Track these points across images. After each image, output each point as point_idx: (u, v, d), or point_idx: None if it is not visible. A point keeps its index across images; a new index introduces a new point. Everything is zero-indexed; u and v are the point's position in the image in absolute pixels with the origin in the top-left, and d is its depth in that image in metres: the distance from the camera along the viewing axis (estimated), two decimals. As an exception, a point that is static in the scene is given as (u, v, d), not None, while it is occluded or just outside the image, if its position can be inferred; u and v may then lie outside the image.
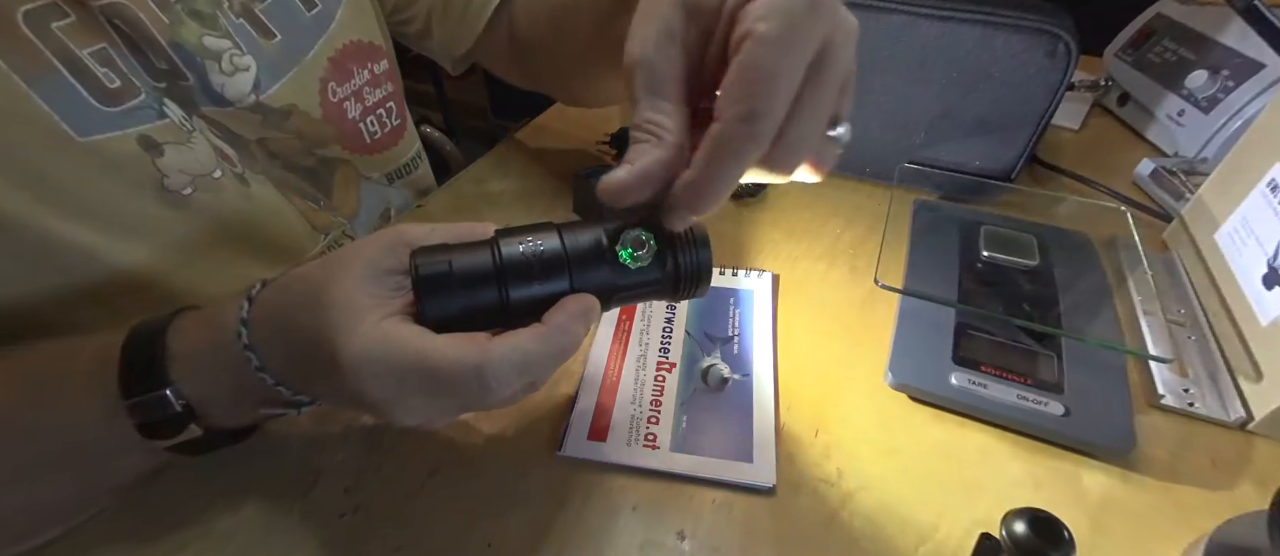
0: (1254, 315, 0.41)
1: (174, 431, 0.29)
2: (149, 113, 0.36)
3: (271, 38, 0.42)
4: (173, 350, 0.29)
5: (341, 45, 0.47)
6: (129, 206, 0.37)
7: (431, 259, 0.27)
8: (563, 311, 0.27)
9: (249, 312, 0.28)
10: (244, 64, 0.41)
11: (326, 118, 0.47)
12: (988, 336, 0.42)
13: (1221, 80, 0.62)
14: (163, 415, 0.28)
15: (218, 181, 0.40)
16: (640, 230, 0.29)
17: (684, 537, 0.33)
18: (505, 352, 0.25)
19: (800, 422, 0.39)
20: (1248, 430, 0.39)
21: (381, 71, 0.50)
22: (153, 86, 0.37)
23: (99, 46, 0.34)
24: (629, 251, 0.28)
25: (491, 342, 0.26)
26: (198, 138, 0.39)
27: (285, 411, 0.31)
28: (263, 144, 0.44)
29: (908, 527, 0.34)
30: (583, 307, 0.28)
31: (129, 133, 0.36)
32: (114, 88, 0.35)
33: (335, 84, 0.47)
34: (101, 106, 0.34)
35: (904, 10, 0.53)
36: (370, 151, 0.52)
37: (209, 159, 0.39)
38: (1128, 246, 0.49)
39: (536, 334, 0.27)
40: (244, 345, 0.28)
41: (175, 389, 0.28)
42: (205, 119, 0.40)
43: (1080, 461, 0.37)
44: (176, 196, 0.38)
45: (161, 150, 0.37)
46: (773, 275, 0.49)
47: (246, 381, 0.28)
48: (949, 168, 0.59)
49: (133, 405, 0.28)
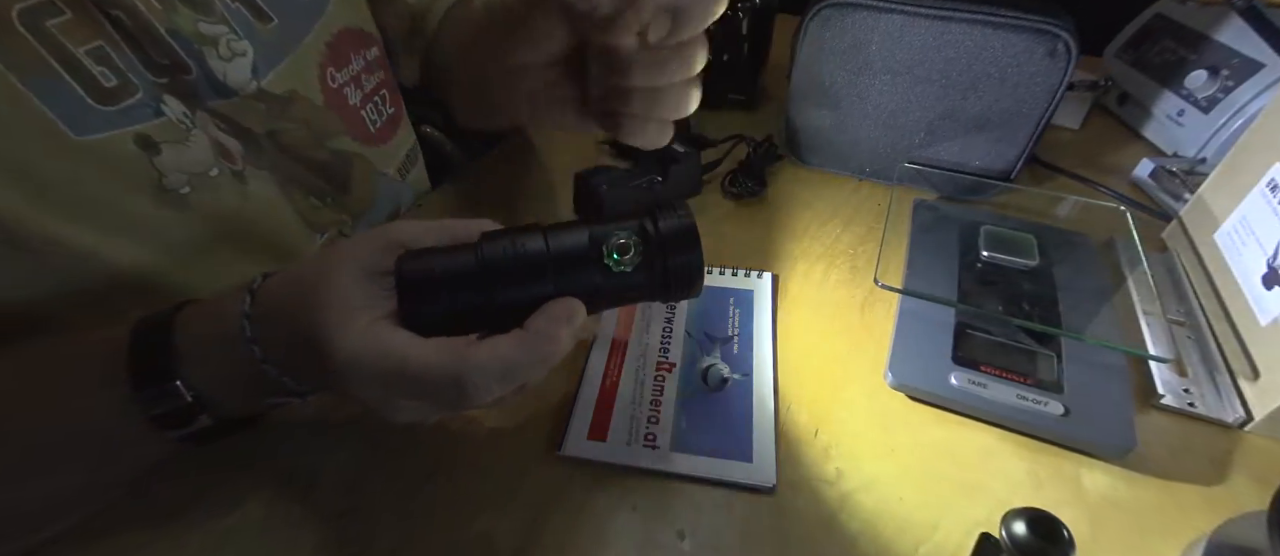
0: (1254, 315, 0.41)
1: (185, 422, 0.30)
2: (146, 111, 0.36)
3: (268, 21, 0.42)
4: (180, 343, 0.29)
5: (337, 31, 0.47)
6: (126, 206, 0.36)
7: (416, 263, 0.28)
8: (544, 316, 0.28)
9: (251, 306, 0.29)
10: (241, 49, 0.40)
11: (329, 104, 0.47)
12: (987, 336, 0.42)
13: (1221, 80, 0.62)
14: (174, 406, 0.29)
15: (214, 180, 0.40)
16: (625, 232, 0.28)
17: (683, 537, 0.33)
18: (483, 361, 0.26)
19: (800, 422, 0.39)
20: (1247, 430, 0.39)
21: (373, 58, 0.51)
22: (152, 83, 0.37)
23: (95, 44, 0.34)
24: (615, 255, 0.28)
25: (471, 349, 0.26)
26: (197, 135, 0.39)
27: (289, 400, 0.32)
28: (273, 137, 0.44)
29: (908, 527, 0.34)
30: (566, 312, 0.28)
31: (126, 132, 0.35)
32: (111, 87, 0.35)
33: (334, 69, 0.47)
34: (98, 106, 0.34)
35: (904, 10, 0.53)
36: (376, 142, 0.52)
37: (206, 157, 0.39)
38: (1127, 246, 0.49)
39: (517, 340, 0.27)
40: (248, 338, 0.28)
41: (186, 380, 0.29)
42: (211, 113, 0.40)
43: (1080, 461, 0.37)
44: (174, 196, 0.38)
45: (159, 149, 0.37)
46: (773, 275, 0.49)
47: (252, 372, 0.29)
48: (949, 168, 0.59)
49: (144, 397, 0.29)
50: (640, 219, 0.29)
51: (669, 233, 0.29)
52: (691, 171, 0.58)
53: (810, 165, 0.64)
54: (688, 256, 0.29)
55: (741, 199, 0.59)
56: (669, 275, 0.29)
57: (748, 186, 0.58)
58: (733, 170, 0.60)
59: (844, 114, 0.59)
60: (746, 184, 0.58)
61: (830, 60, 0.57)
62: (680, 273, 0.29)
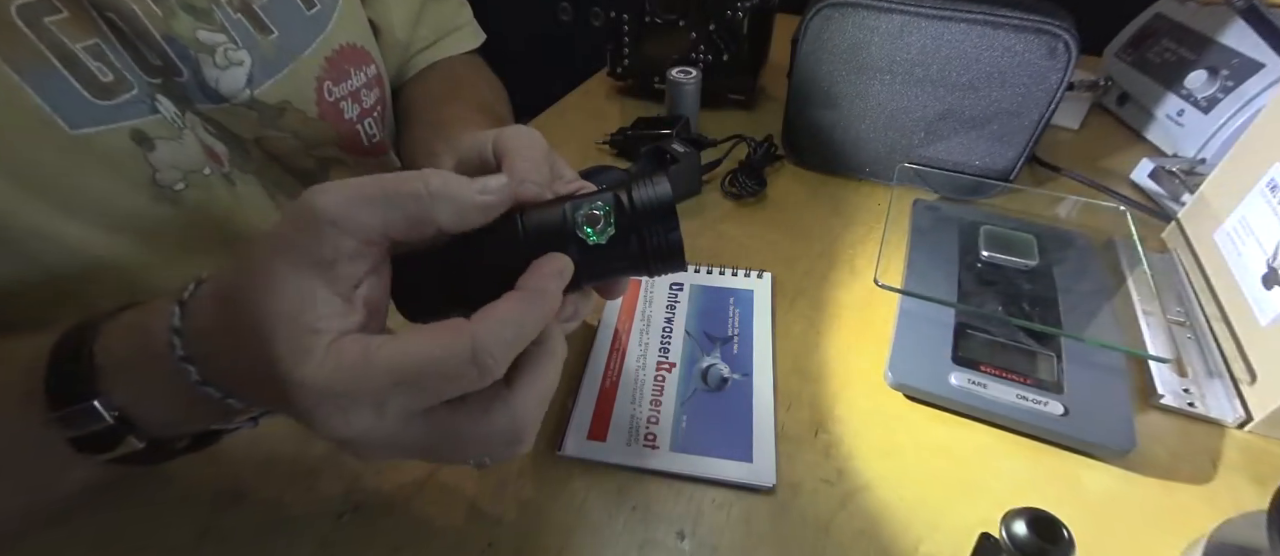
0: (1253, 315, 0.41)
1: (110, 445, 0.26)
2: (141, 107, 0.36)
3: (268, 33, 0.42)
4: (101, 359, 0.25)
5: (338, 46, 0.47)
6: (121, 201, 0.36)
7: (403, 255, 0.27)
8: (535, 274, 0.25)
9: (182, 321, 0.25)
10: (238, 58, 0.40)
11: (323, 116, 0.47)
12: (987, 336, 0.42)
13: (1221, 80, 0.62)
14: (93, 428, 0.25)
15: (207, 179, 0.40)
16: (598, 204, 0.27)
17: (684, 537, 0.33)
18: (490, 325, 0.23)
19: (800, 422, 0.39)
20: (1247, 430, 0.39)
21: (372, 76, 0.51)
22: (146, 82, 0.37)
23: (92, 41, 0.34)
24: (586, 227, 0.27)
25: (471, 321, 0.23)
26: (188, 134, 0.39)
27: (241, 427, 0.29)
28: (260, 144, 0.44)
29: (908, 527, 0.34)
30: (555, 267, 0.26)
31: (121, 126, 0.35)
32: (107, 81, 0.35)
33: (331, 83, 0.47)
34: (94, 100, 0.34)
35: (904, 10, 0.53)
36: (368, 155, 0.52)
37: (198, 156, 0.39)
38: (1127, 246, 0.49)
39: (515, 297, 0.24)
40: (180, 357, 0.24)
41: (105, 400, 0.25)
42: (200, 116, 0.40)
43: (1080, 461, 0.37)
44: (169, 191, 0.38)
45: (153, 145, 0.37)
46: (772, 275, 0.49)
47: (189, 393, 0.25)
48: (949, 168, 0.59)
49: (60, 418, 0.25)
50: (615, 190, 0.28)
51: (644, 204, 0.27)
52: (691, 171, 0.58)
53: (810, 165, 0.64)
54: (667, 234, 0.28)
55: (741, 199, 0.59)
56: (646, 247, 0.28)
57: (748, 186, 0.58)
58: (733, 170, 0.60)
59: (844, 114, 0.59)
60: (746, 184, 0.58)
61: (830, 60, 0.57)
62: (659, 248, 0.28)
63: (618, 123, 0.69)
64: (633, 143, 0.64)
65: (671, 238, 0.27)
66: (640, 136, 0.63)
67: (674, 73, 0.64)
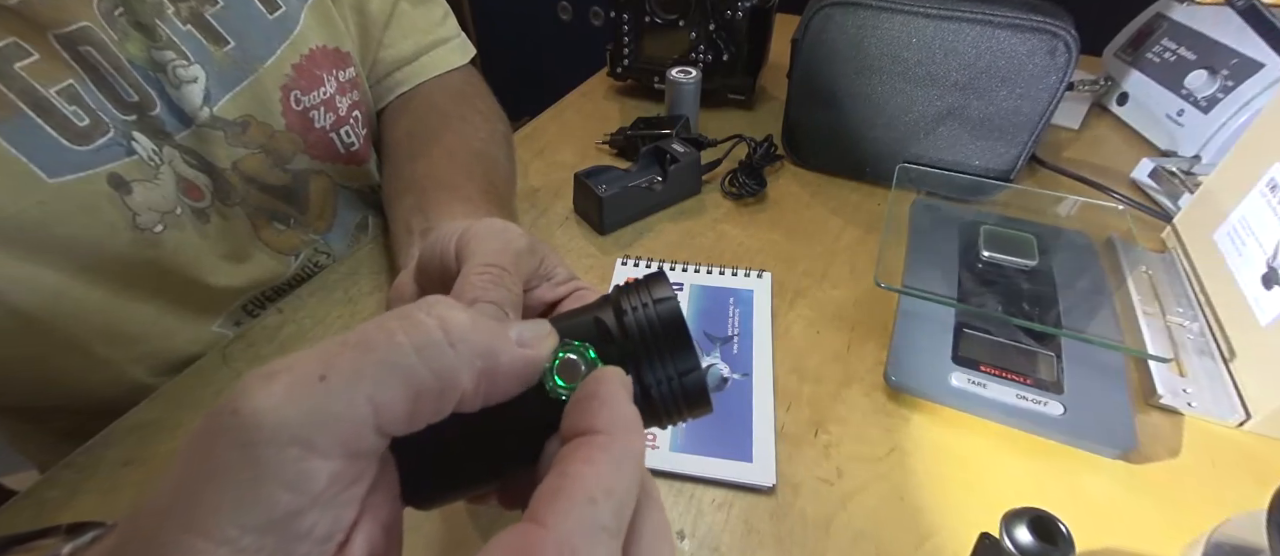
0: (1253, 315, 0.41)
1: None
2: (118, 149, 0.35)
3: (223, 44, 0.40)
4: None
5: (309, 50, 0.44)
6: (101, 246, 0.36)
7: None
8: (599, 400, 0.17)
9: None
10: (190, 75, 0.38)
11: (290, 127, 0.44)
12: (987, 336, 0.42)
13: (1221, 80, 0.62)
14: None
15: (178, 218, 0.39)
16: (575, 348, 0.18)
17: (684, 537, 0.33)
18: (581, 515, 0.14)
19: (800, 422, 0.39)
20: (1247, 430, 0.39)
21: (348, 79, 0.48)
22: (122, 120, 0.36)
23: (66, 83, 0.33)
24: (557, 378, 0.18)
25: (541, 525, 0.14)
26: (165, 171, 0.38)
27: None
28: (237, 167, 0.42)
29: (908, 527, 0.34)
30: (617, 383, 0.17)
31: (99, 171, 0.35)
32: (83, 126, 0.34)
33: (300, 92, 0.44)
34: (71, 145, 0.34)
35: (904, 10, 0.53)
36: (345, 161, 0.50)
37: (171, 195, 0.38)
38: (1127, 246, 0.49)
39: (594, 446, 0.16)
40: None
41: None
42: (178, 149, 0.39)
43: (1080, 461, 0.37)
44: (149, 234, 0.37)
45: (130, 188, 0.36)
46: (772, 275, 0.49)
47: None
48: (949, 168, 0.59)
49: None
50: (600, 312, 0.19)
51: (643, 329, 0.18)
52: (691, 171, 0.58)
53: (810, 165, 0.64)
54: (683, 379, 0.18)
55: (741, 199, 0.59)
56: (652, 396, 0.18)
57: (747, 186, 0.58)
58: (732, 170, 0.60)
59: (844, 114, 0.59)
60: (746, 184, 0.58)
61: (830, 60, 0.57)
62: (668, 391, 0.18)
63: (617, 122, 0.69)
64: (632, 142, 0.64)
65: (688, 381, 0.18)
66: (640, 136, 0.63)
67: (674, 72, 0.64)
